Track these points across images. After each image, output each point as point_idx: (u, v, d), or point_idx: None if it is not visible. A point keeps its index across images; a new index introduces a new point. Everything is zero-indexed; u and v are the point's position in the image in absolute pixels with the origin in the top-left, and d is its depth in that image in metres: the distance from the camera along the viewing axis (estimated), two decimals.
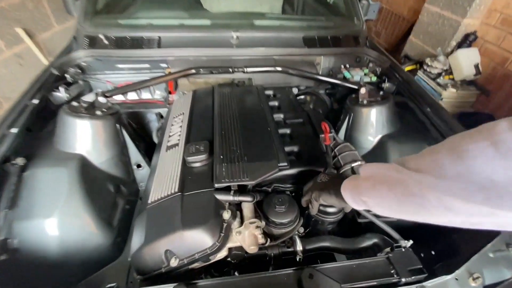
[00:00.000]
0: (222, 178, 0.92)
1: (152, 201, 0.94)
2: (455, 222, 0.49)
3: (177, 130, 1.24)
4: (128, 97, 1.75)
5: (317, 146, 1.12)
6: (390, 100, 1.43)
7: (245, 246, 0.82)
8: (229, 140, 1.08)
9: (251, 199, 0.88)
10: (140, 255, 0.85)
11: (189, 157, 1.01)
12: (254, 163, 0.98)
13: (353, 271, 0.80)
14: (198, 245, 0.80)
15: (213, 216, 0.83)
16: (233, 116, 1.23)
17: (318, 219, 0.94)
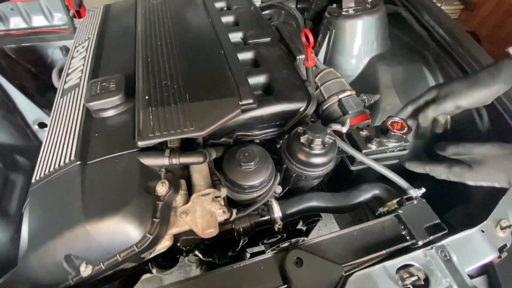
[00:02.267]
0: (149, 132, 0.56)
1: (38, 179, 0.57)
2: None
3: (79, 64, 0.79)
4: (12, 26, 1.16)
5: (295, 73, 0.78)
6: (382, 9, 1.08)
7: (198, 230, 0.53)
8: (159, 72, 0.69)
9: (201, 158, 0.55)
10: (28, 265, 0.52)
11: (92, 101, 0.61)
12: (202, 102, 0.62)
13: (355, 241, 0.57)
14: (118, 243, 0.49)
15: (136, 194, 0.50)
16: (166, 37, 0.80)
17: (301, 174, 0.67)
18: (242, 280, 0.51)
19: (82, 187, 0.52)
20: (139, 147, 0.56)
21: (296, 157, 0.65)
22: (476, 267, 0.59)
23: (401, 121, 0.71)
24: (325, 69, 0.95)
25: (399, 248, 0.58)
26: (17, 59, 1.14)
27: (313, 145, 0.62)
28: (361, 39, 1.08)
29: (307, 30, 0.65)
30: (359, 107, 0.84)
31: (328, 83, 0.91)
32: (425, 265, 0.58)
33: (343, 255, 0.54)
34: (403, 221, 0.60)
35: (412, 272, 0.59)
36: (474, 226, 0.61)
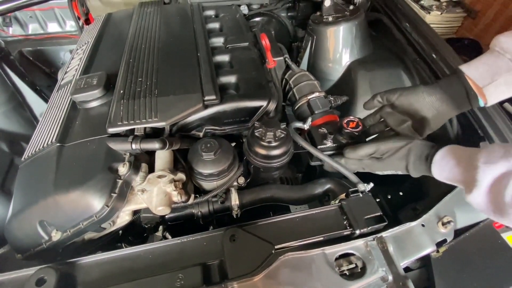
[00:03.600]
0: (118, 120, 0.65)
1: (26, 157, 0.67)
2: None
3: (76, 63, 0.91)
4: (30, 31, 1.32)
5: (261, 74, 0.84)
6: (361, 16, 1.13)
7: (152, 207, 0.60)
8: (137, 70, 0.78)
9: (158, 145, 0.63)
10: (11, 229, 0.62)
11: (76, 94, 0.71)
12: (168, 97, 0.70)
13: (296, 226, 0.62)
14: (80, 212, 0.58)
15: (100, 172, 0.59)
16: (150, 41, 0.91)
17: (257, 165, 0.72)
18: (186, 254, 0.57)
19: (57, 164, 0.61)
20: (109, 133, 0.65)
21: (253, 149, 0.71)
22: (414, 259, 0.61)
23: (357, 120, 0.75)
24: (300, 72, 1.00)
25: (337, 235, 0.61)
26: (33, 60, 1.30)
27: (265, 138, 0.68)
28: (341, 44, 1.13)
29: (264, 34, 0.71)
30: (325, 107, 0.88)
31: (300, 85, 0.96)
32: (365, 254, 0.61)
33: (280, 237, 0.59)
34: (345, 211, 0.64)
35: (351, 260, 0.62)
36: None
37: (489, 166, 0.46)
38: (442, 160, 0.54)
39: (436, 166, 0.55)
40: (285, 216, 0.63)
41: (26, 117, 1.06)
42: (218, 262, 0.54)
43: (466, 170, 0.50)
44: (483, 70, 0.60)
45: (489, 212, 0.47)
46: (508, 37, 0.58)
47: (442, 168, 0.54)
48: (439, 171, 0.55)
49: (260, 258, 0.53)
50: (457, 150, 0.54)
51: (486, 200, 0.46)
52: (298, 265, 0.57)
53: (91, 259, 0.56)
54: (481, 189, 0.46)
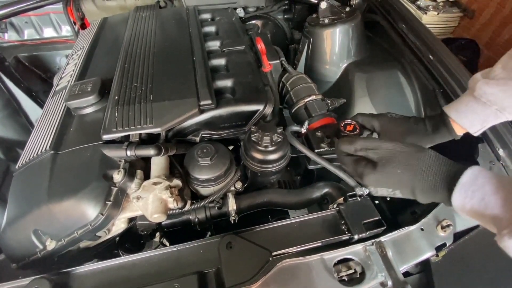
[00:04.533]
0: (113, 127, 0.64)
1: (20, 165, 0.67)
2: None
3: (71, 69, 0.90)
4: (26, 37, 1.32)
5: (258, 78, 0.84)
6: (358, 18, 1.13)
7: (147, 214, 0.59)
8: (132, 76, 0.77)
9: (153, 151, 0.62)
10: (5, 238, 0.61)
11: (70, 100, 0.71)
12: (163, 103, 0.70)
13: (293, 232, 0.61)
14: (75, 220, 0.57)
15: (94, 180, 0.58)
16: (146, 46, 0.90)
17: (255, 170, 0.72)
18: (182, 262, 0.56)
19: (51, 172, 0.60)
20: (103, 140, 0.64)
21: (249, 154, 0.71)
22: (413, 264, 0.61)
23: (354, 123, 0.74)
24: (297, 74, 1.00)
25: (335, 241, 0.61)
26: (29, 65, 1.29)
27: (262, 142, 0.67)
28: (337, 46, 1.13)
29: (259, 38, 0.71)
30: (323, 110, 0.88)
31: (297, 88, 0.96)
32: (364, 259, 0.61)
33: (277, 243, 0.58)
34: (343, 216, 0.63)
35: (350, 266, 0.62)
36: None
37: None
38: (472, 183, 0.40)
39: (463, 191, 0.40)
40: (283, 221, 0.63)
41: (21, 123, 1.06)
42: (214, 270, 0.54)
43: (508, 204, 0.37)
44: (472, 119, 0.59)
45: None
46: (493, 89, 0.55)
47: (471, 194, 0.40)
48: (464, 198, 0.40)
49: (257, 265, 0.52)
50: (491, 173, 0.41)
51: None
52: (296, 271, 0.56)
53: (85, 268, 0.55)
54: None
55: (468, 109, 0.59)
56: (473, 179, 0.41)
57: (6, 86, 1.00)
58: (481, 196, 0.39)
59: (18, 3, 1.06)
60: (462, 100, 0.61)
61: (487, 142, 0.79)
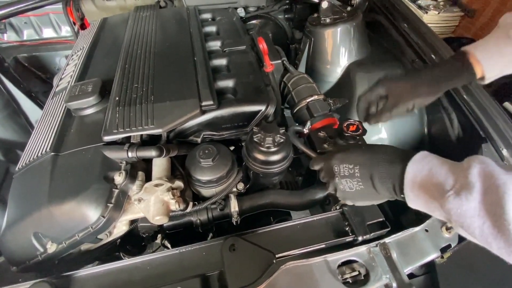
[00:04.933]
0: (114, 128, 0.64)
1: (20, 167, 0.66)
2: None
3: (71, 70, 0.89)
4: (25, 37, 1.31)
5: (259, 78, 0.83)
6: (359, 17, 1.12)
7: (149, 216, 0.59)
8: (133, 76, 0.77)
9: (155, 153, 0.62)
10: (5, 241, 0.60)
11: (71, 101, 0.70)
12: (164, 103, 0.69)
13: (296, 234, 0.60)
14: (76, 223, 0.56)
15: (96, 182, 0.57)
16: (146, 46, 0.89)
17: (257, 171, 0.71)
18: (184, 265, 0.55)
19: (52, 174, 0.59)
20: (104, 141, 0.63)
21: (251, 155, 0.70)
22: (418, 265, 0.60)
23: (357, 123, 0.74)
24: (298, 74, 0.99)
25: (339, 242, 0.60)
26: (28, 66, 1.28)
27: (264, 143, 0.66)
28: (338, 46, 1.12)
29: (261, 38, 0.70)
30: (325, 110, 0.87)
31: (299, 88, 0.95)
32: (368, 261, 0.60)
33: (281, 245, 0.57)
34: (347, 217, 0.62)
35: (354, 267, 0.61)
36: None
37: (487, 167, 0.37)
38: (423, 159, 0.43)
39: (414, 166, 0.43)
40: (286, 223, 0.62)
41: (21, 124, 1.05)
42: (217, 273, 0.53)
43: (452, 171, 0.40)
44: (496, 61, 0.56)
45: (484, 227, 0.35)
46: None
47: (421, 167, 0.42)
48: (415, 171, 0.42)
49: (261, 268, 0.52)
50: (437, 156, 0.44)
51: (479, 207, 0.36)
52: (300, 274, 0.56)
53: (87, 272, 0.54)
54: (475, 192, 0.36)
55: (498, 49, 0.56)
56: (423, 156, 0.44)
57: (6, 87, 0.99)
58: (429, 167, 0.42)
59: (17, 3, 1.05)
60: (490, 40, 0.57)
61: (491, 142, 0.78)
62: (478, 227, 0.36)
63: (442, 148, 0.97)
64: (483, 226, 0.35)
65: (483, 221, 0.35)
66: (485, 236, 0.35)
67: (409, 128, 1.06)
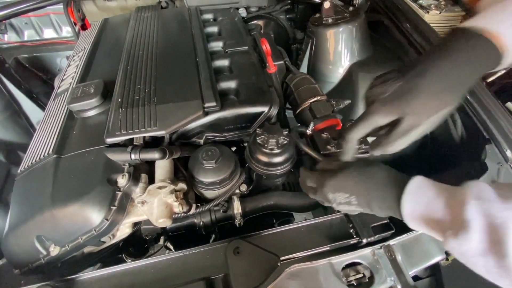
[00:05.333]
0: (116, 130, 0.63)
1: (23, 169, 0.66)
2: None
3: (72, 71, 0.89)
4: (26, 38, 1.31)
5: (262, 79, 0.83)
6: (361, 17, 1.12)
7: (153, 219, 0.58)
8: (135, 78, 0.76)
9: (158, 155, 0.61)
10: (8, 244, 0.60)
11: (73, 103, 0.70)
12: (167, 105, 0.69)
13: (300, 236, 0.60)
14: (79, 226, 0.56)
15: (99, 184, 0.57)
16: (148, 47, 0.89)
17: (260, 173, 0.71)
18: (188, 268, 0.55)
19: (54, 177, 0.59)
20: (107, 143, 0.63)
21: (255, 156, 0.70)
22: (423, 267, 0.60)
23: None
24: (301, 75, 0.98)
25: (343, 245, 0.60)
26: (29, 67, 1.28)
27: (268, 145, 0.66)
28: (341, 46, 1.12)
29: (264, 39, 0.70)
30: (328, 111, 0.87)
31: (301, 89, 0.95)
32: (372, 263, 0.60)
33: (285, 248, 0.57)
34: (351, 219, 0.62)
35: (359, 270, 0.61)
36: None
37: (483, 203, 0.35)
38: (417, 191, 0.41)
39: (409, 199, 0.41)
40: (290, 225, 0.62)
41: (23, 125, 1.05)
42: (222, 277, 0.53)
43: (449, 206, 0.38)
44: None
45: (488, 266, 0.35)
46: None
47: (418, 200, 0.41)
48: (413, 205, 0.41)
49: (266, 271, 0.52)
50: (430, 181, 0.42)
51: (480, 247, 0.34)
52: (305, 276, 0.56)
53: (91, 275, 0.54)
54: (473, 233, 0.34)
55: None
56: (418, 187, 0.42)
57: (7, 88, 0.98)
58: (425, 202, 0.40)
59: (18, 4, 1.04)
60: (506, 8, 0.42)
61: (495, 143, 0.78)
62: (483, 266, 0.35)
63: (445, 150, 0.97)
64: (488, 265, 0.35)
65: (486, 261, 0.34)
66: (491, 274, 0.35)
67: None
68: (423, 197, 0.41)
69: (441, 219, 0.38)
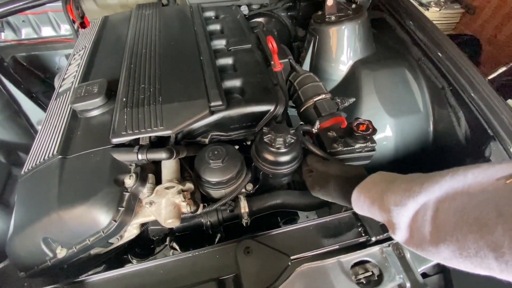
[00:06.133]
0: (122, 130, 0.62)
1: (26, 170, 0.64)
2: None
3: (74, 70, 0.88)
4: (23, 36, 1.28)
5: (267, 77, 0.82)
6: (364, 15, 1.11)
7: (161, 220, 0.58)
8: (139, 76, 0.75)
9: (165, 155, 0.61)
10: (13, 246, 0.59)
11: (76, 103, 0.68)
12: (173, 104, 0.68)
13: (309, 235, 0.60)
14: (86, 228, 0.55)
15: (106, 185, 0.56)
16: (151, 45, 0.88)
17: (267, 172, 0.70)
18: (198, 268, 0.55)
19: (60, 178, 0.58)
20: (113, 143, 0.62)
21: (261, 155, 0.69)
22: (431, 265, 0.60)
23: (367, 122, 0.73)
24: (304, 73, 0.98)
25: (352, 243, 0.60)
26: (27, 66, 1.26)
27: (275, 144, 0.66)
28: (344, 44, 1.11)
29: (270, 37, 0.69)
30: (333, 109, 0.87)
31: (305, 87, 0.94)
32: (381, 261, 0.60)
33: (295, 247, 0.57)
34: (359, 218, 0.62)
35: (367, 268, 0.61)
36: None
37: (400, 208, 0.42)
38: (358, 200, 0.50)
39: (356, 206, 0.51)
40: (299, 225, 0.61)
41: (22, 125, 1.03)
42: (233, 277, 0.52)
43: (382, 212, 0.45)
44: None
45: (415, 249, 0.43)
46: None
47: (361, 208, 0.50)
48: (360, 210, 0.50)
49: (277, 270, 0.51)
50: (371, 186, 0.49)
51: (409, 238, 0.43)
52: (315, 275, 0.56)
53: (100, 277, 0.54)
54: (402, 231, 0.43)
55: None
56: (358, 196, 0.50)
57: (6, 87, 0.97)
58: (367, 209, 0.49)
59: (15, 1, 1.02)
60: None
61: (499, 140, 0.78)
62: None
63: (448, 147, 0.97)
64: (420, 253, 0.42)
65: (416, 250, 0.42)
66: None
67: (415, 126, 1.06)
68: (363, 206, 0.49)
69: (382, 220, 0.47)
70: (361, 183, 0.50)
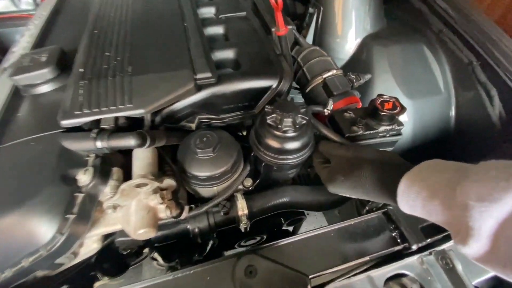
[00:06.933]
0: (76, 109, 0.46)
1: None
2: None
3: (25, 41, 0.70)
4: None
5: (267, 47, 0.67)
6: None
7: (130, 230, 0.42)
8: (103, 44, 0.58)
9: (137, 141, 0.45)
10: None
11: (18, 74, 0.51)
12: (146, 76, 0.52)
13: (330, 245, 0.45)
14: (21, 245, 0.39)
15: (49, 183, 0.40)
16: (122, 9, 0.71)
17: (270, 163, 0.55)
18: None
19: None
20: (62, 127, 0.46)
21: (264, 142, 0.54)
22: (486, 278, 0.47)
23: (393, 100, 0.59)
24: (309, 47, 0.83)
25: (387, 253, 0.45)
26: None
27: (282, 126, 0.50)
28: (352, 16, 0.97)
29: None
30: (346, 88, 0.72)
31: (311, 62, 0.79)
32: (421, 275, 0.46)
33: (313, 262, 0.42)
34: (393, 219, 0.48)
35: (405, 284, 0.47)
36: None
37: (488, 205, 0.28)
38: (409, 192, 0.37)
39: (403, 201, 0.37)
40: (315, 231, 0.47)
41: None
42: None
43: (448, 209, 0.33)
44: None
45: (497, 269, 0.30)
46: None
47: (411, 203, 0.37)
48: (408, 207, 0.37)
49: None
50: (428, 174, 0.36)
51: (489, 253, 0.30)
52: None
53: None
54: (481, 241, 0.29)
55: None
56: (408, 186, 0.37)
57: None
58: (422, 204, 0.36)
59: None
60: None
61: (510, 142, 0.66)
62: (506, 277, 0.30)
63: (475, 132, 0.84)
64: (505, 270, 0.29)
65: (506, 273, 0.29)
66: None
67: (435, 108, 0.93)
68: (418, 200, 0.36)
69: (444, 222, 0.34)
70: (412, 169, 0.36)
